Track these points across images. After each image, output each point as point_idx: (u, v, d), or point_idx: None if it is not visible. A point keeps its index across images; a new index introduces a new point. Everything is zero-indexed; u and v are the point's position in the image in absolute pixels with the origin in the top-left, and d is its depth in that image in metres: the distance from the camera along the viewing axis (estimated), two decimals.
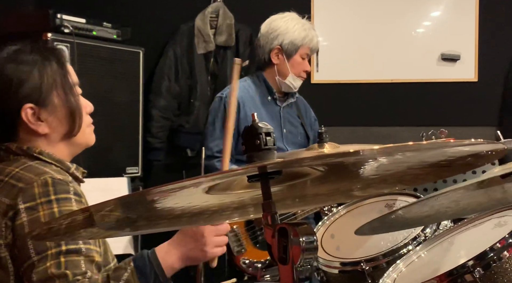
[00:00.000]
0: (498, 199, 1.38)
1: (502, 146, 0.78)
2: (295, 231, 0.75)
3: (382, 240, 1.80)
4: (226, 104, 2.56)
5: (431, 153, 0.75)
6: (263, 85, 2.65)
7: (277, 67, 2.61)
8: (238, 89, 2.14)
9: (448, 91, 3.64)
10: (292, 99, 2.71)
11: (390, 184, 1.00)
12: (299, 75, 2.61)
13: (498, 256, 1.29)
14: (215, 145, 2.56)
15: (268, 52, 2.59)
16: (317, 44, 2.66)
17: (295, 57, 2.58)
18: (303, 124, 2.73)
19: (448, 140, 0.71)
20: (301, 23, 2.61)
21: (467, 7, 3.58)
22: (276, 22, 2.61)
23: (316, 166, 0.82)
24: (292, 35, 2.56)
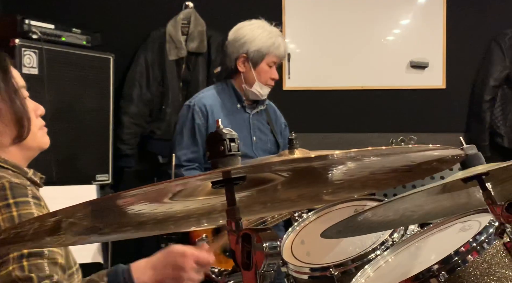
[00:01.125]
0: (462, 204, 1.40)
1: (460, 151, 0.80)
2: (258, 237, 0.75)
3: (351, 245, 1.81)
4: (195, 112, 2.54)
5: (392, 158, 0.77)
6: (232, 93, 2.63)
7: (244, 75, 2.58)
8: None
9: (417, 97, 3.71)
10: (261, 106, 2.69)
11: (355, 189, 1.02)
12: (266, 83, 2.58)
13: (463, 260, 1.31)
14: (183, 154, 2.52)
15: (235, 60, 2.57)
16: (285, 51, 2.62)
17: (262, 65, 2.55)
18: (273, 131, 2.71)
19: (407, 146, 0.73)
20: (268, 31, 2.57)
21: (435, 16, 3.65)
22: (243, 30, 2.58)
23: (280, 171, 0.83)
24: (258, 43, 2.52)
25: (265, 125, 2.71)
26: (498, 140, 3.49)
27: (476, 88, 3.62)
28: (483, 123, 3.52)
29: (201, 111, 2.55)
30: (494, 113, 3.52)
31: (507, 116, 3.51)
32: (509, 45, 3.50)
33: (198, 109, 2.55)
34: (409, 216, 1.39)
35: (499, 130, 3.50)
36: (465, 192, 1.33)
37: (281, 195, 1.01)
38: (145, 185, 0.70)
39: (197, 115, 2.54)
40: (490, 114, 3.52)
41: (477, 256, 1.31)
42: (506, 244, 1.34)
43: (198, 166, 2.53)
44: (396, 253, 1.61)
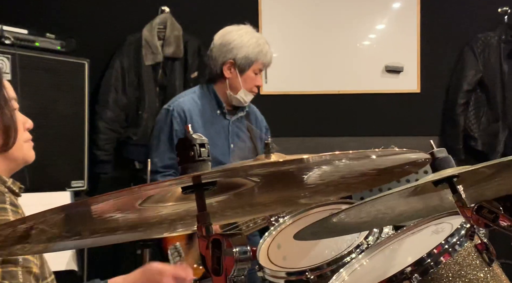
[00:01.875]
0: (434, 206, 1.42)
1: (426, 155, 0.81)
2: (229, 242, 0.75)
3: (326, 248, 1.82)
4: (173, 117, 2.51)
5: (360, 162, 0.77)
6: (213, 98, 2.57)
7: (229, 81, 2.52)
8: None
9: (392, 102, 3.75)
10: (242, 113, 2.64)
11: (327, 192, 1.02)
12: (251, 90, 2.54)
13: (435, 262, 1.32)
14: (159, 160, 2.49)
15: (221, 65, 2.51)
16: (271, 59, 2.56)
17: (248, 72, 2.50)
18: (252, 138, 2.67)
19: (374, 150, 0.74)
20: (256, 38, 2.53)
21: (409, 21, 3.70)
22: (231, 35, 2.52)
23: (251, 176, 0.83)
24: (246, 49, 2.47)
25: (244, 132, 2.66)
26: (472, 143, 3.55)
27: (450, 92, 3.67)
28: (457, 126, 3.58)
29: (179, 116, 2.50)
30: (468, 116, 3.58)
31: (481, 119, 3.57)
32: (482, 49, 3.56)
33: (176, 115, 2.51)
34: (382, 218, 1.40)
35: (473, 133, 3.56)
36: (437, 194, 1.34)
37: (257, 199, 1.01)
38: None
39: (176, 121, 2.50)
40: (464, 117, 3.58)
41: (449, 258, 1.33)
42: (478, 246, 1.37)
43: (174, 172, 2.49)
44: (371, 256, 1.63)
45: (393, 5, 3.79)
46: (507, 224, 1.15)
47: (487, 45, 3.55)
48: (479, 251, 1.34)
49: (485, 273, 1.33)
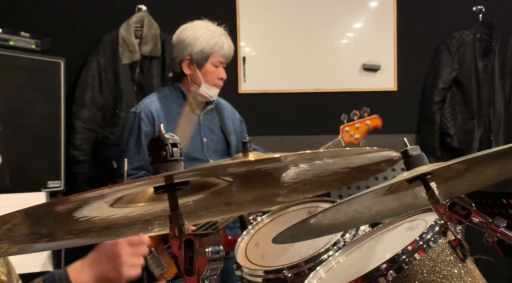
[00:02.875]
0: (409, 204, 1.43)
1: (396, 153, 0.81)
2: (201, 242, 0.75)
3: (304, 246, 1.83)
4: (141, 119, 2.51)
5: (332, 161, 0.78)
6: (180, 96, 2.59)
7: (190, 77, 2.54)
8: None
9: (369, 100, 3.77)
10: (210, 105, 2.64)
11: (301, 191, 1.03)
12: (213, 83, 2.55)
13: (410, 259, 1.33)
14: (129, 163, 2.48)
15: (179, 63, 2.54)
16: (230, 50, 2.56)
17: (207, 66, 2.51)
18: (224, 130, 2.67)
19: (355, 144, 0.74)
20: (211, 30, 2.53)
21: (385, 19, 3.73)
22: (185, 32, 2.54)
23: (223, 176, 0.83)
24: (200, 43, 2.49)
25: (215, 124, 2.67)
26: (448, 140, 3.60)
27: (426, 90, 3.71)
28: (433, 124, 3.62)
29: (147, 117, 2.52)
30: (444, 114, 3.62)
31: (456, 117, 3.62)
32: (457, 47, 3.60)
33: (144, 116, 2.52)
34: (359, 218, 1.41)
35: (449, 130, 3.60)
36: (411, 192, 1.36)
37: (234, 198, 1.01)
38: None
39: (143, 123, 2.51)
40: (440, 115, 3.62)
41: (423, 254, 1.34)
42: (451, 242, 1.38)
43: (145, 173, 2.49)
44: (347, 254, 1.64)
45: (370, 4, 3.81)
46: (479, 220, 1.16)
47: (462, 44, 3.59)
48: (453, 247, 1.35)
49: (459, 269, 1.34)
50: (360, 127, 2.67)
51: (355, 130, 2.65)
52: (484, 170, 1.32)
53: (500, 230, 1.12)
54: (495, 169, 1.33)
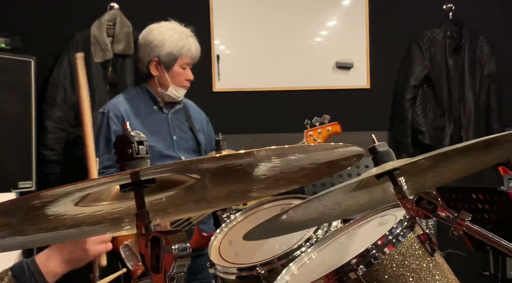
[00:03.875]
0: (378, 199, 1.45)
1: (360, 150, 0.83)
2: (168, 239, 0.75)
3: (277, 243, 1.84)
4: (110, 119, 2.51)
5: (298, 157, 0.78)
6: (147, 95, 2.60)
7: (158, 79, 2.55)
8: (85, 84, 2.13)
9: (343, 97, 3.81)
10: (178, 105, 2.66)
11: (270, 188, 1.03)
12: (181, 85, 2.57)
13: (379, 253, 1.35)
14: (100, 162, 2.43)
15: (147, 64, 2.55)
16: (197, 51, 2.58)
17: (175, 68, 2.53)
18: (192, 128, 2.69)
19: (314, 143, 0.74)
20: (179, 32, 2.54)
21: (358, 18, 3.77)
22: (152, 33, 2.55)
23: (190, 173, 0.83)
24: (169, 46, 2.50)
25: (184, 123, 2.69)
26: (420, 137, 3.64)
27: (398, 87, 3.76)
28: (405, 121, 3.67)
29: (116, 117, 2.52)
30: (416, 111, 3.67)
31: (427, 114, 3.67)
32: (428, 45, 3.66)
33: (112, 115, 2.52)
34: (329, 214, 1.43)
35: (420, 127, 3.65)
36: (381, 187, 1.37)
37: (209, 194, 1.01)
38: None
39: (113, 122, 2.52)
40: (412, 112, 3.67)
41: (392, 248, 1.36)
42: (420, 236, 1.41)
43: (115, 171, 2.49)
44: (320, 250, 1.65)
45: (343, 2, 3.85)
46: (445, 214, 1.19)
47: (433, 41, 3.65)
48: (422, 242, 1.37)
49: (428, 263, 1.37)
50: (322, 132, 2.79)
51: (317, 134, 2.77)
52: (450, 165, 1.34)
53: (465, 224, 1.14)
54: (461, 165, 1.36)
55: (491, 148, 1.25)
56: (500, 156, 1.56)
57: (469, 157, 1.33)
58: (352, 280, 1.33)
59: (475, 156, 1.33)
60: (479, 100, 3.64)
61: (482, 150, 1.27)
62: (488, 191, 2.39)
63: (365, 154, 1.21)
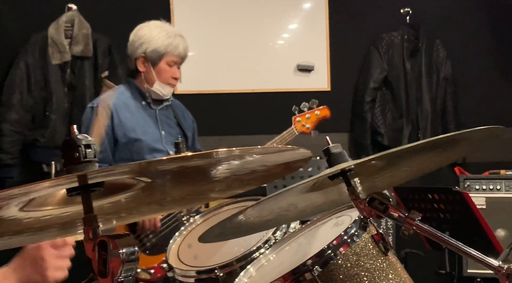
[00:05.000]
0: (334, 200, 1.47)
1: (308, 152, 0.84)
2: (115, 243, 0.74)
3: (236, 245, 1.84)
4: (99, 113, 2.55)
5: (247, 160, 0.79)
6: (136, 91, 2.66)
7: (144, 75, 2.62)
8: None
9: (304, 100, 3.82)
10: (167, 102, 2.73)
11: (223, 190, 1.03)
12: (167, 82, 2.62)
13: (335, 253, 1.37)
14: None
15: (134, 60, 2.61)
16: (185, 50, 2.65)
17: (161, 64, 2.59)
18: (180, 124, 2.75)
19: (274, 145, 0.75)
20: (166, 31, 2.61)
21: (318, 21, 3.81)
22: (141, 31, 2.62)
23: (139, 176, 0.82)
24: (155, 43, 2.57)
25: (172, 119, 2.75)
26: (379, 138, 3.71)
27: (358, 90, 3.81)
28: (365, 123, 3.72)
29: (105, 111, 2.56)
30: (375, 113, 3.73)
31: (386, 116, 3.74)
32: (386, 48, 3.72)
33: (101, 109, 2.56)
34: (285, 215, 1.44)
35: (379, 129, 3.71)
36: (337, 188, 1.39)
37: (169, 195, 1.01)
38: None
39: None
40: (371, 114, 3.73)
41: (347, 248, 1.38)
42: (374, 236, 1.43)
43: (105, 165, 2.48)
44: (277, 251, 1.66)
45: (304, 5, 3.88)
46: (397, 214, 1.21)
47: (391, 45, 3.71)
48: (376, 241, 1.40)
49: (381, 262, 1.39)
50: (310, 117, 2.87)
51: (306, 120, 2.84)
52: (403, 166, 1.37)
53: (415, 223, 1.17)
54: (414, 165, 1.39)
55: (441, 148, 1.28)
56: (453, 156, 1.61)
57: (422, 157, 1.36)
58: (308, 280, 1.34)
59: (428, 157, 1.36)
60: (436, 102, 3.72)
61: (433, 150, 1.30)
62: (443, 191, 2.44)
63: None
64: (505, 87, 3.88)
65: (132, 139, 2.56)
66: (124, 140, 2.56)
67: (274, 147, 0.76)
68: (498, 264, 1.05)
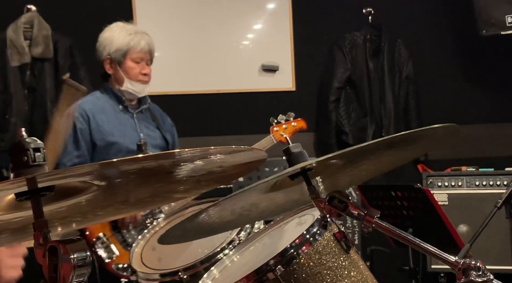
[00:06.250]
0: (295, 200, 1.48)
1: (264, 154, 0.83)
2: (65, 249, 0.72)
3: (200, 247, 1.83)
4: (75, 117, 2.55)
5: (202, 161, 0.78)
6: (112, 95, 2.67)
7: (114, 76, 2.64)
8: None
9: (269, 100, 3.85)
10: (144, 105, 2.73)
11: (179, 192, 1.02)
12: (136, 79, 2.64)
13: (297, 252, 1.37)
14: (68, 160, 2.52)
15: (102, 64, 2.64)
16: (149, 45, 2.67)
17: (126, 62, 2.61)
18: (160, 128, 2.76)
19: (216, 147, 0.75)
20: (126, 29, 2.65)
21: (282, 21, 3.82)
22: (104, 34, 2.65)
23: (90, 180, 0.81)
24: (117, 42, 2.60)
25: (150, 122, 2.76)
26: (344, 137, 3.74)
27: (322, 89, 3.84)
28: (330, 122, 3.75)
29: (81, 116, 2.58)
30: (339, 112, 3.76)
31: (351, 115, 3.77)
32: (349, 48, 3.76)
33: (78, 115, 2.57)
34: (247, 215, 1.43)
35: (344, 128, 3.75)
36: (299, 187, 1.40)
37: (133, 195, 0.99)
38: None
39: (78, 121, 2.57)
40: (336, 113, 3.76)
41: (310, 247, 1.38)
42: (336, 234, 1.44)
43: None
44: (241, 252, 1.66)
45: (268, 6, 3.89)
46: (356, 212, 1.22)
47: (354, 45, 3.75)
48: (337, 240, 1.41)
49: (343, 260, 1.40)
50: (288, 127, 2.95)
51: (283, 130, 2.93)
52: (363, 164, 1.38)
53: (374, 221, 1.18)
54: (373, 164, 1.40)
55: (398, 147, 1.30)
56: (412, 154, 1.63)
57: (381, 156, 1.37)
58: (271, 280, 1.34)
59: (387, 155, 1.38)
60: (399, 101, 3.77)
61: (390, 149, 1.32)
62: (406, 189, 2.48)
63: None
64: (465, 85, 3.96)
65: (110, 143, 2.57)
66: (102, 143, 2.56)
67: (229, 148, 0.76)
68: (455, 259, 1.07)
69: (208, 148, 0.72)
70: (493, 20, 3.45)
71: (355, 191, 2.96)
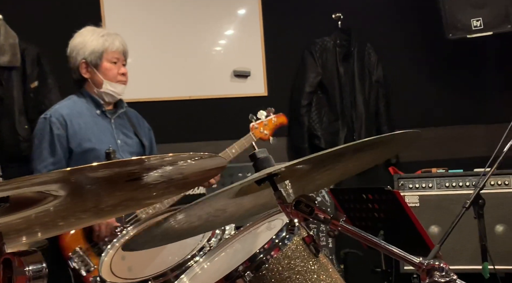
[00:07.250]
0: (263, 204, 1.47)
1: (224, 160, 0.83)
2: (20, 261, 0.71)
3: (170, 254, 1.82)
4: (52, 123, 2.51)
5: (165, 168, 0.77)
6: (89, 100, 2.63)
7: (91, 80, 2.60)
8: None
9: (241, 105, 3.84)
10: (121, 109, 2.70)
11: (141, 200, 1.01)
12: (116, 80, 2.62)
13: (266, 257, 1.37)
14: (44, 167, 2.48)
15: (77, 69, 2.60)
16: (123, 45, 2.66)
17: (103, 64, 2.59)
18: (137, 132, 2.73)
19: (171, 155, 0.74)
20: (98, 32, 2.63)
21: (253, 26, 3.83)
22: (75, 40, 2.63)
23: (45, 191, 0.79)
24: (91, 45, 2.58)
25: (128, 128, 2.73)
26: (316, 141, 3.76)
27: (294, 94, 3.85)
28: (302, 126, 3.77)
29: (58, 121, 2.53)
30: (311, 116, 3.78)
31: (322, 119, 3.80)
32: (320, 53, 3.78)
33: (55, 120, 2.53)
34: (214, 220, 1.42)
35: (316, 132, 3.77)
36: (267, 191, 1.39)
37: (103, 202, 0.98)
38: None
39: (55, 126, 2.52)
40: (308, 118, 3.77)
41: (279, 252, 1.38)
42: (305, 238, 1.44)
43: None
44: (212, 258, 1.65)
45: (238, 12, 3.89)
46: (323, 216, 1.22)
47: (324, 49, 3.78)
48: (307, 244, 1.41)
49: (313, 264, 1.40)
50: (268, 123, 2.91)
51: (263, 126, 2.89)
52: (329, 169, 1.39)
53: (340, 224, 1.19)
54: (340, 168, 1.41)
55: (364, 152, 1.31)
56: (379, 158, 1.65)
57: (348, 160, 1.38)
58: None
59: (353, 160, 1.39)
60: (369, 104, 3.81)
61: (356, 154, 1.33)
62: (376, 191, 2.50)
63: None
64: (434, 87, 4.02)
65: (87, 149, 2.53)
66: (79, 149, 2.52)
67: (187, 155, 0.75)
68: (419, 260, 1.08)
69: (165, 155, 0.71)
70: (459, 24, 3.52)
71: (328, 195, 2.97)
